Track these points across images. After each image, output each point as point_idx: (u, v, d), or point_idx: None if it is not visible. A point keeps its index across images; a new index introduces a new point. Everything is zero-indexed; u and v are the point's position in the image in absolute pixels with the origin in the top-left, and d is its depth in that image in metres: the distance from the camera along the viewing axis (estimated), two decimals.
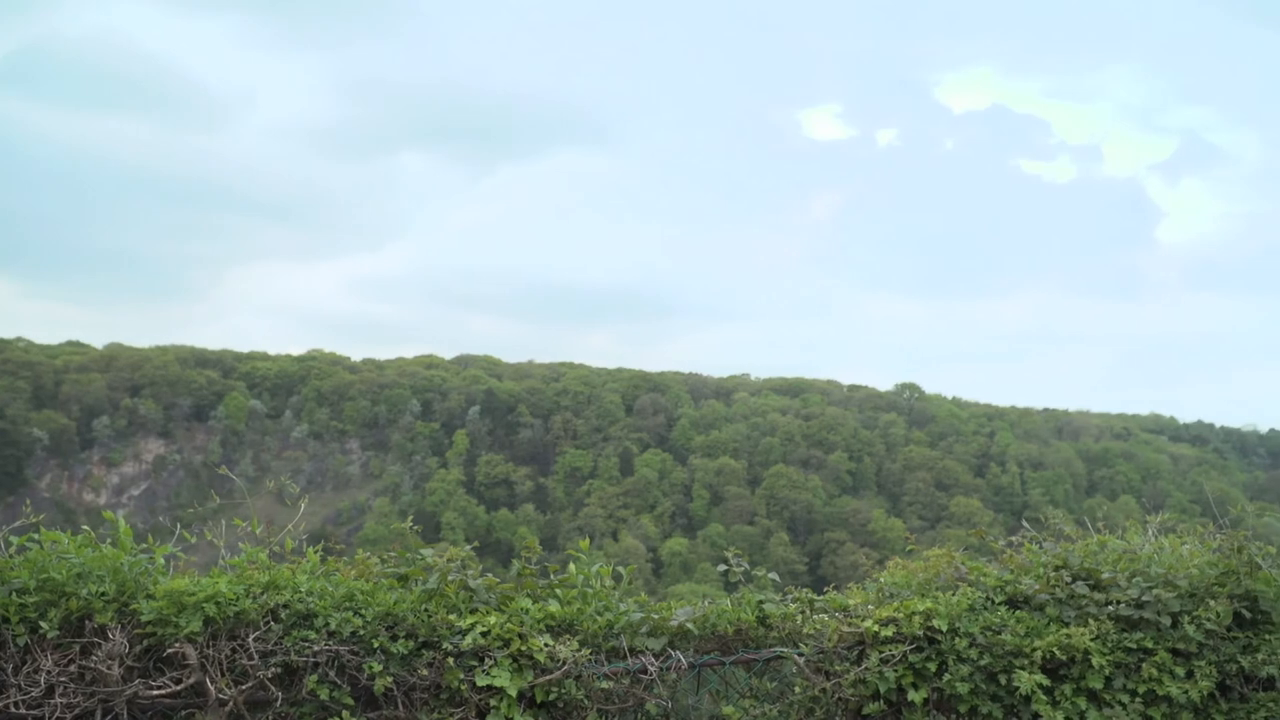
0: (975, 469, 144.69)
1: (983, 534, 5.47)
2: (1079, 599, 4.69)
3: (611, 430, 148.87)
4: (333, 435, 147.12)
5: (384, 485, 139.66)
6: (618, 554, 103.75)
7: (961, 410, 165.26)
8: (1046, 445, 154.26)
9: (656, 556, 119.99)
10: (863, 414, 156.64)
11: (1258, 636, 4.63)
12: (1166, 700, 4.38)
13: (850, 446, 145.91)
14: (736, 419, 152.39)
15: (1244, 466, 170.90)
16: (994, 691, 4.43)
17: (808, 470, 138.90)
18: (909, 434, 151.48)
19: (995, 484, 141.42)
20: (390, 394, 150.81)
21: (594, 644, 4.56)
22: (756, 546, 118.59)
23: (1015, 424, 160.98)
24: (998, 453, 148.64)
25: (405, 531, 5.07)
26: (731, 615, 4.66)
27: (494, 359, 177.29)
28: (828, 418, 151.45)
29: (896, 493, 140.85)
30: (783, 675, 4.67)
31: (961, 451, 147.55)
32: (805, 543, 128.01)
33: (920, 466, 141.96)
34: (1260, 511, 8.05)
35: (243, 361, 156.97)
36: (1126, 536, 5.42)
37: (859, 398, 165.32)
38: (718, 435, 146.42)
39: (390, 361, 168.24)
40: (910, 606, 4.58)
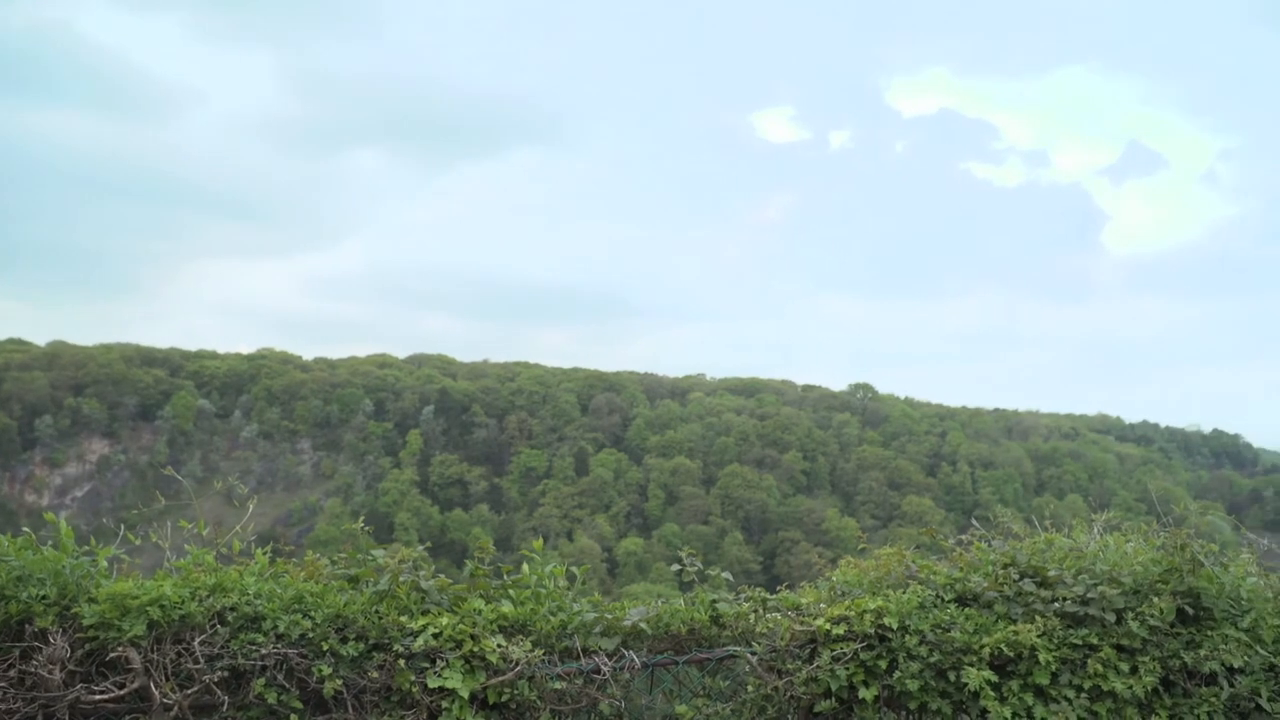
0: (927, 468, 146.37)
1: (933, 533, 5.54)
2: (1026, 596, 4.76)
3: (567, 430, 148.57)
4: (284, 435, 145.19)
5: (336, 486, 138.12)
6: (573, 554, 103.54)
7: (914, 410, 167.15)
8: (997, 445, 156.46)
9: (612, 556, 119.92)
10: (817, 414, 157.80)
11: (1200, 633, 4.72)
12: (1111, 696, 4.45)
13: (804, 446, 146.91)
14: (692, 419, 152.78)
15: (1188, 466, 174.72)
16: (943, 688, 4.48)
17: (762, 470, 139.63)
18: (862, 434, 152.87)
19: (947, 483, 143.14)
20: (343, 393, 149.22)
21: (547, 644, 4.54)
22: (711, 546, 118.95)
23: (966, 424, 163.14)
24: (949, 452, 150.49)
25: (356, 532, 5.01)
26: (685, 615, 4.67)
27: (448, 358, 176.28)
28: (782, 418, 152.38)
29: (850, 492, 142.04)
30: (736, 674, 4.69)
31: (914, 451, 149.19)
32: (760, 542, 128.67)
33: (873, 466, 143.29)
34: (1203, 510, 8.24)
35: (191, 360, 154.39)
36: (1073, 535, 5.51)
37: (813, 398, 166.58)
38: (673, 435, 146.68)
39: (343, 360, 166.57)
40: (862, 605, 4.62)
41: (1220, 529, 10.16)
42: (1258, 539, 5.73)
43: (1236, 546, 5.56)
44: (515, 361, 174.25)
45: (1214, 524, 11.36)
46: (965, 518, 5.90)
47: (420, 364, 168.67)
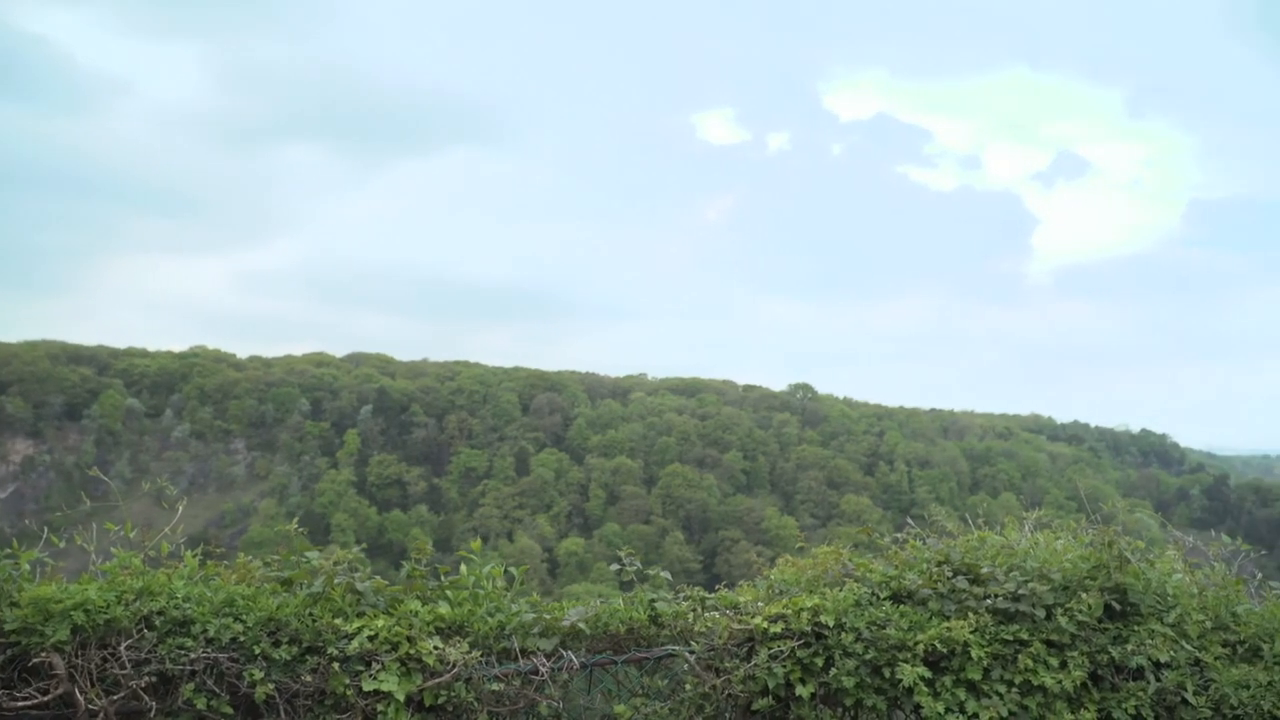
0: (865, 467, 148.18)
1: (870, 531, 5.60)
2: (959, 593, 4.83)
3: (507, 430, 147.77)
4: (216, 435, 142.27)
5: (271, 486, 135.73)
6: (513, 554, 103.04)
7: (852, 410, 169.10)
8: (933, 444, 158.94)
9: (552, 556, 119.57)
10: (757, 414, 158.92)
11: (1127, 628, 4.83)
12: (1041, 690, 4.54)
13: (745, 446, 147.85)
14: (633, 418, 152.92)
15: (1117, 465, 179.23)
16: (878, 684, 4.53)
17: (703, 469, 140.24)
18: (802, 433, 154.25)
19: (884, 482, 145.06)
20: (278, 392, 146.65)
21: (485, 646, 4.50)
22: (652, 545, 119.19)
23: (903, 424, 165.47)
24: (886, 452, 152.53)
25: (291, 534, 4.93)
26: (624, 614, 4.67)
27: (387, 357, 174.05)
28: (723, 417, 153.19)
29: (790, 491, 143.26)
30: (674, 673, 4.70)
31: (852, 450, 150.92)
32: (700, 541, 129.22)
33: (812, 465, 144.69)
34: (1131, 508, 8.41)
35: (119, 358, 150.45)
36: (1005, 532, 5.60)
37: (754, 398, 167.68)
38: (614, 435, 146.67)
39: (278, 359, 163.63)
40: (799, 603, 4.65)
41: (1147, 526, 10.41)
42: (1183, 536, 5.88)
43: (1163, 544, 5.70)
44: (455, 361, 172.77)
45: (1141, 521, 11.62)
46: (902, 516, 5.97)
47: (358, 363, 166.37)
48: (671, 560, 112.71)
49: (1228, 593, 5.25)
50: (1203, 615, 5.03)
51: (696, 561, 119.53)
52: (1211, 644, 4.86)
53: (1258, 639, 4.91)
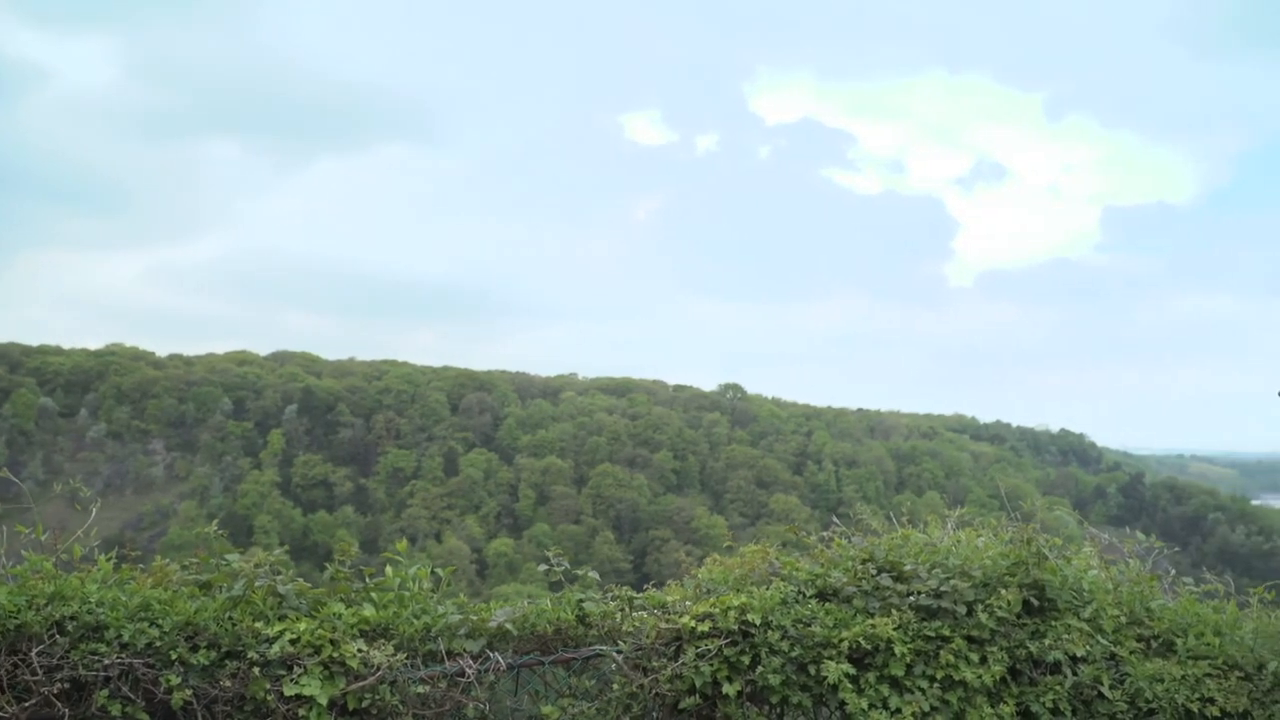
0: (794, 467, 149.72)
1: (796, 530, 5.65)
2: (883, 590, 4.90)
3: (436, 430, 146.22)
4: (134, 435, 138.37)
5: (191, 488, 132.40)
6: (441, 555, 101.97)
7: (781, 410, 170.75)
8: (860, 444, 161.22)
9: (481, 557, 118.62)
10: (687, 414, 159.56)
11: (1045, 623, 4.93)
12: (962, 685, 4.61)
13: (675, 445, 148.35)
14: (563, 418, 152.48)
15: (1037, 464, 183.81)
16: (804, 682, 4.58)
17: (634, 469, 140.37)
18: (731, 433, 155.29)
19: (812, 481, 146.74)
20: (199, 392, 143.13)
21: (410, 648, 4.45)
22: (582, 545, 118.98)
23: (831, 424, 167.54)
24: (815, 451, 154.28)
25: (210, 536, 4.81)
26: (551, 615, 4.64)
27: (313, 356, 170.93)
28: (653, 417, 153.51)
29: (719, 490, 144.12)
30: (602, 673, 4.69)
31: (781, 450, 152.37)
32: (630, 541, 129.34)
33: (742, 465, 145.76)
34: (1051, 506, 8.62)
35: (32, 356, 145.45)
36: (928, 530, 5.70)
37: (684, 398, 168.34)
38: (544, 435, 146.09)
39: (200, 357, 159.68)
40: (726, 602, 4.68)
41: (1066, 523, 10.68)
42: (1099, 533, 6.04)
43: (1080, 541, 5.84)
44: (383, 360, 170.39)
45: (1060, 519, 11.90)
46: (830, 515, 6.04)
47: (283, 361, 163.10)
48: (602, 560, 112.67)
49: (1142, 588, 5.40)
50: (1118, 610, 5.17)
51: (627, 561, 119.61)
52: (1126, 639, 4.99)
53: (1171, 634, 5.05)
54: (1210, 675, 4.75)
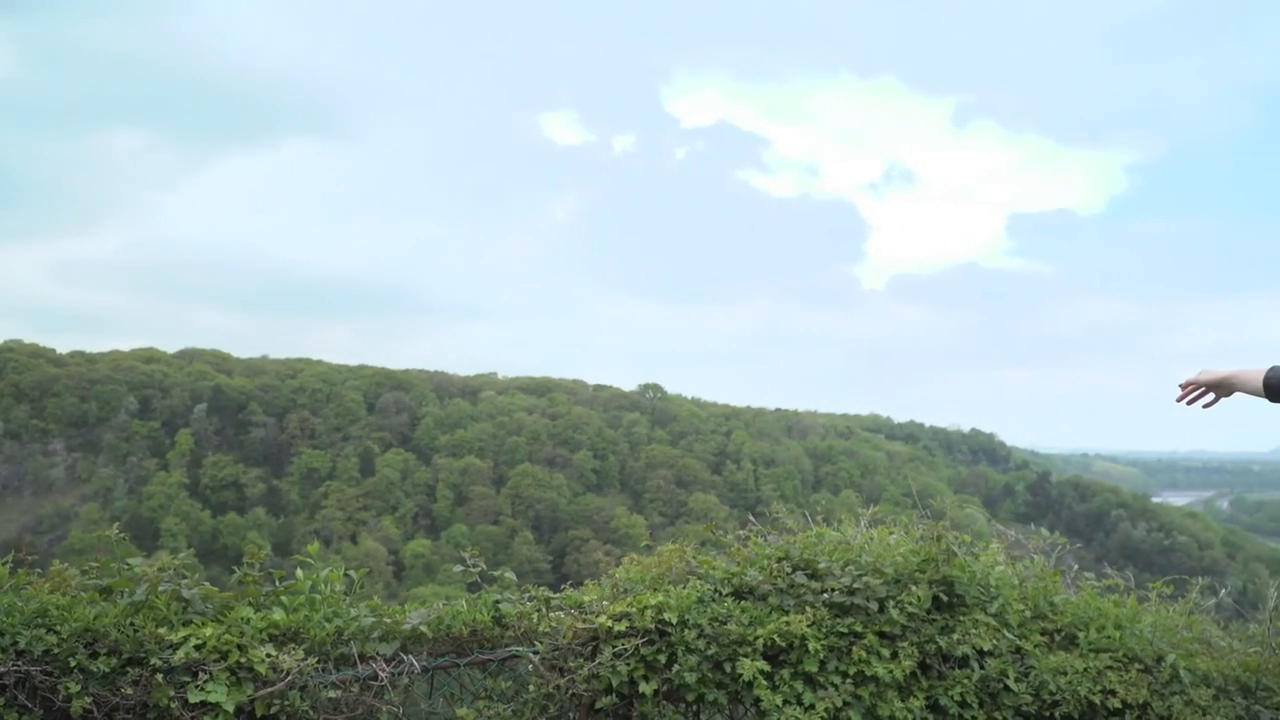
0: (713, 466, 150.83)
1: (713, 529, 5.67)
2: (798, 588, 4.95)
3: (352, 429, 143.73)
4: (33, 435, 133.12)
5: (93, 489, 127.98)
6: (357, 557, 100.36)
7: (701, 410, 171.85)
8: (778, 443, 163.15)
9: (398, 559, 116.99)
10: (607, 413, 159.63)
11: (954, 618, 5.03)
12: (874, 680, 4.68)
13: (595, 445, 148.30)
14: (483, 418, 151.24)
15: (949, 463, 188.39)
16: (720, 679, 4.60)
17: (553, 469, 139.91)
18: (651, 433, 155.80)
19: (731, 480, 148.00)
20: (102, 390, 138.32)
21: (321, 652, 4.35)
22: (501, 546, 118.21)
23: (750, 423, 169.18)
24: (734, 450, 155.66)
25: (112, 539, 4.65)
26: (467, 616, 4.59)
27: (223, 354, 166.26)
28: (574, 417, 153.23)
29: (639, 490, 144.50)
30: (518, 674, 4.65)
31: (700, 450, 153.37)
32: (550, 541, 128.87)
33: (662, 464, 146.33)
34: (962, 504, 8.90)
35: None
36: (842, 528, 5.77)
37: (604, 397, 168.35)
38: (463, 434, 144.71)
39: (103, 355, 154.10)
40: (643, 601, 4.68)
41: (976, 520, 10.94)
42: (1006, 530, 6.19)
43: (989, 537, 5.98)
44: (298, 358, 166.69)
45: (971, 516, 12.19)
46: (748, 514, 6.11)
47: (192, 359, 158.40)
48: (521, 560, 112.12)
49: (1046, 583, 5.54)
50: (1023, 605, 5.29)
51: (546, 561, 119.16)
52: (1031, 633, 5.11)
53: (1074, 627, 5.18)
54: (1111, 668, 4.89)
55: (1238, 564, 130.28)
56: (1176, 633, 5.30)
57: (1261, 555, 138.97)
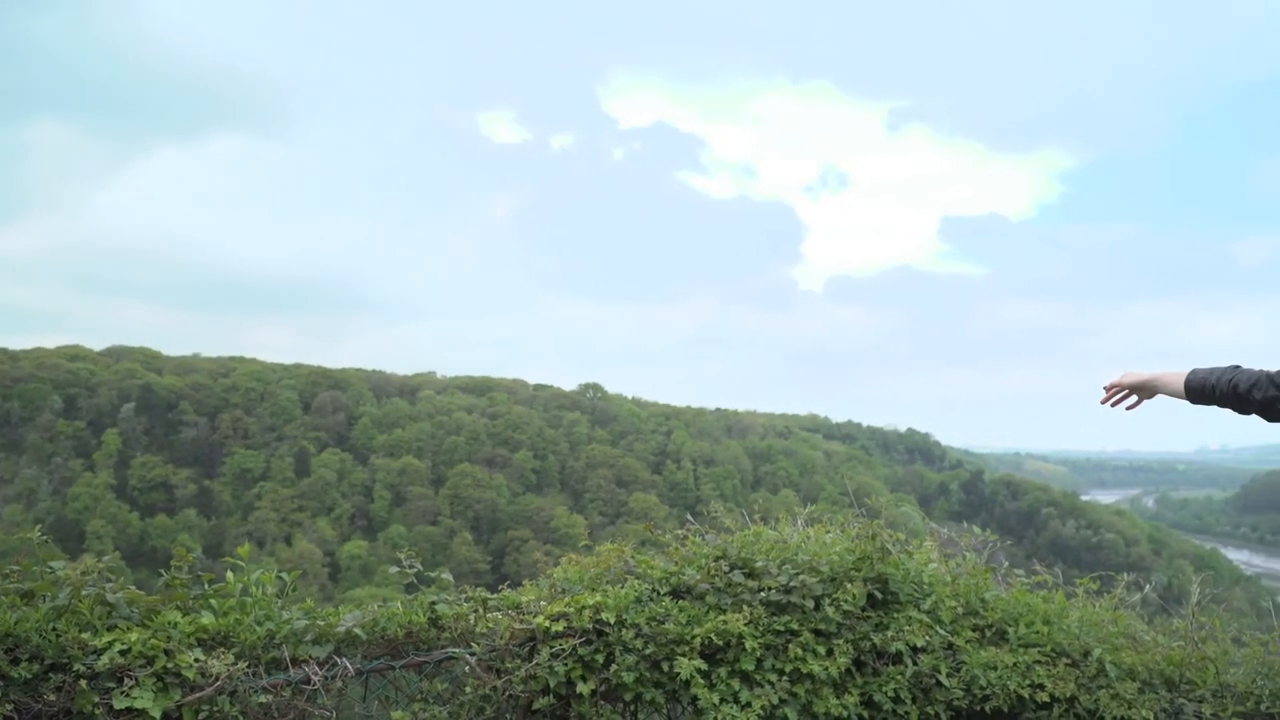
0: (653, 466, 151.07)
1: (651, 528, 5.68)
2: (735, 587, 4.97)
3: (287, 429, 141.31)
4: None
5: (16, 491, 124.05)
6: (291, 559, 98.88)
7: (641, 410, 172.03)
8: (717, 443, 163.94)
9: (334, 560, 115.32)
10: (548, 413, 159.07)
11: (888, 615, 5.10)
12: (810, 677, 4.72)
13: (535, 445, 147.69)
14: (421, 418, 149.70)
15: (886, 462, 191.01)
16: (657, 679, 4.60)
17: (493, 469, 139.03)
18: (592, 433, 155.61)
19: (671, 480, 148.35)
20: (25, 389, 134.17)
21: (252, 656, 4.26)
22: (440, 547, 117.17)
23: (690, 423, 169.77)
24: (674, 450, 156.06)
25: (34, 542, 4.50)
26: (403, 618, 4.53)
27: (153, 351, 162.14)
28: (514, 416, 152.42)
29: (579, 490, 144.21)
30: (455, 676, 4.60)
31: (641, 449, 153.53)
32: (489, 541, 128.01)
33: (602, 464, 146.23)
34: (898, 502, 9.03)
35: None
36: (779, 527, 5.81)
37: (544, 397, 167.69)
38: (401, 434, 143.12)
39: (25, 352, 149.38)
40: (581, 601, 4.66)
41: (911, 519, 11.11)
42: (939, 528, 6.28)
43: (924, 535, 6.07)
44: (231, 356, 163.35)
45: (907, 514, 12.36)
46: (688, 513, 6.12)
47: (119, 357, 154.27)
48: (460, 561, 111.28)
49: (977, 580, 5.63)
50: (955, 602, 5.37)
51: (485, 562, 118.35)
52: (963, 629, 5.20)
53: (1004, 623, 5.28)
54: (1040, 662, 4.99)
55: (1163, 560, 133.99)
56: (1103, 627, 5.43)
57: (1185, 551, 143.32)
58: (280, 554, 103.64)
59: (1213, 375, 4.07)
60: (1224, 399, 3.99)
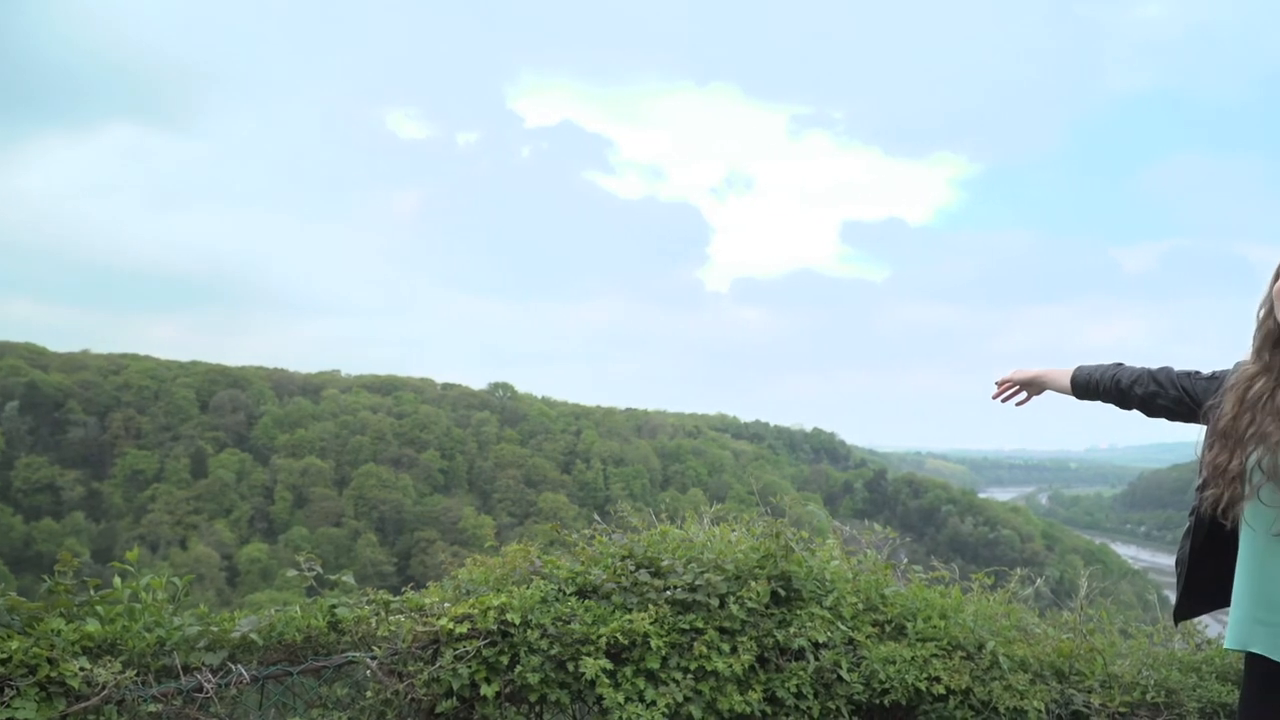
0: (563, 465, 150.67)
1: (558, 528, 5.66)
2: (641, 586, 4.98)
3: (182, 429, 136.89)
4: None
5: None
6: (186, 563, 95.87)
7: (551, 409, 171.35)
8: (627, 443, 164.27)
9: (233, 564, 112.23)
10: (456, 412, 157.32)
11: (790, 612, 5.16)
12: (714, 675, 4.76)
13: (443, 445, 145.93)
14: (325, 417, 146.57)
15: (793, 461, 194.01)
16: (562, 679, 4.59)
17: (399, 469, 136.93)
18: (501, 432, 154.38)
19: (581, 479, 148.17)
20: None
21: (141, 664, 4.11)
22: (343, 549, 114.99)
23: (600, 422, 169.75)
24: (584, 450, 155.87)
25: None
26: (301, 622, 4.42)
27: (38, 348, 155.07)
28: (421, 416, 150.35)
29: (488, 490, 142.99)
30: (356, 680, 4.51)
31: (550, 449, 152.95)
32: (395, 543, 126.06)
33: (511, 464, 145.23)
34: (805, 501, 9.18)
35: None
36: (686, 526, 5.85)
37: (453, 396, 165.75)
38: (304, 434, 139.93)
39: None
40: (485, 602, 4.62)
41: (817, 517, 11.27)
42: (843, 526, 6.40)
43: (828, 533, 6.17)
44: (123, 353, 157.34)
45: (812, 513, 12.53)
46: (598, 513, 6.13)
47: (1, 354, 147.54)
48: (364, 563, 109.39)
49: (878, 576, 5.76)
50: (856, 598, 5.48)
51: (391, 564, 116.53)
52: (863, 624, 5.30)
53: (902, 618, 5.39)
54: (936, 655, 5.10)
55: (1055, 555, 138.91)
56: (996, 621, 5.60)
57: (1077, 547, 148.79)
58: (175, 558, 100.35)
59: (1097, 371, 4.23)
60: (1107, 394, 4.15)
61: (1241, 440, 3.30)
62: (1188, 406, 3.79)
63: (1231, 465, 3.29)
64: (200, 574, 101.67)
